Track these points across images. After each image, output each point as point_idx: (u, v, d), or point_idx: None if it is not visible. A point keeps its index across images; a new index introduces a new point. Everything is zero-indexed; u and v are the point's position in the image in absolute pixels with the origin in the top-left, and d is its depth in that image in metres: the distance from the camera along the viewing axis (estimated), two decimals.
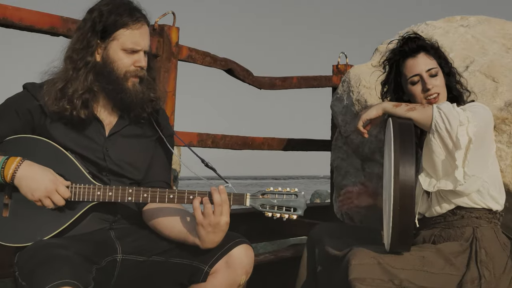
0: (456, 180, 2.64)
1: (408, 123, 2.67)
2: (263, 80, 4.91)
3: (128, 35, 2.54)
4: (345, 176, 4.16)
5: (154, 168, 2.72)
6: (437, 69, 2.86)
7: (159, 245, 2.57)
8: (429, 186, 2.73)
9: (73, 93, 2.51)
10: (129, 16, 2.54)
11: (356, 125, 2.91)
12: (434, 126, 2.61)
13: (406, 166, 2.53)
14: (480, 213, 2.76)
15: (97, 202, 2.49)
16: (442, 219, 2.81)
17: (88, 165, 2.57)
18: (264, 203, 2.44)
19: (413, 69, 2.89)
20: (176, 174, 7.72)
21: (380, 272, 2.56)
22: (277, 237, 5.37)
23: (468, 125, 2.57)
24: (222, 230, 2.41)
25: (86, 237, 2.50)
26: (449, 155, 2.62)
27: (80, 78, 2.53)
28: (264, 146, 4.89)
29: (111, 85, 2.56)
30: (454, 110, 2.61)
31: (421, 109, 2.69)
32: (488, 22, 3.94)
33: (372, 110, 2.85)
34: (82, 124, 2.56)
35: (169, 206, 2.58)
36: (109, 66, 2.54)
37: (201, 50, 4.26)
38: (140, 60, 2.57)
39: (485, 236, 2.72)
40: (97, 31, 2.53)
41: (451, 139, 2.58)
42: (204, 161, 2.63)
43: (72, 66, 2.55)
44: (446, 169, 2.66)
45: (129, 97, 2.56)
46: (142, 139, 2.70)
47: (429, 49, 2.91)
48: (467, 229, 2.75)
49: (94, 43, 2.54)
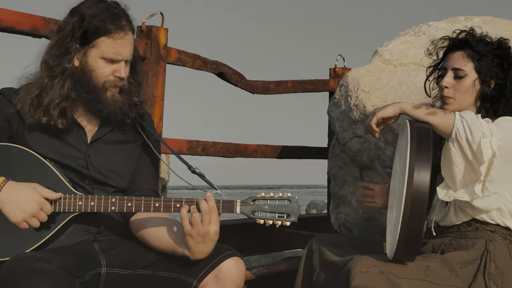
0: (473, 193, 2.64)
1: (426, 127, 2.66)
2: (256, 84, 4.91)
3: (110, 44, 2.51)
4: (342, 186, 4.15)
5: (140, 176, 2.71)
6: (465, 73, 2.84)
7: (146, 257, 2.55)
8: (446, 196, 2.73)
9: (49, 102, 2.49)
10: (112, 24, 2.50)
11: (369, 121, 2.86)
12: (454, 135, 2.60)
13: (421, 171, 2.53)
14: (496, 228, 2.76)
15: (79, 212, 2.47)
16: (456, 229, 2.82)
17: (69, 174, 2.55)
18: (255, 209, 2.44)
19: (446, 62, 2.92)
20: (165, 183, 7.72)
21: (382, 281, 2.55)
22: (271, 249, 5.36)
23: (492, 138, 2.56)
24: (212, 239, 2.40)
25: (68, 249, 2.48)
26: (469, 165, 2.62)
27: (55, 86, 2.50)
28: (257, 153, 4.89)
29: (89, 95, 2.54)
30: (478, 121, 2.59)
31: (442, 115, 2.67)
32: (493, 23, 3.93)
33: (389, 108, 2.80)
34: (62, 132, 2.55)
35: (157, 216, 2.56)
36: (87, 74, 2.52)
37: (191, 53, 4.25)
38: (119, 71, 2.54)
39: (497, 250, 2.71)
40: (77, 36, 2.50)
41: (471, 150, 2.57)
42: (192, 167, 2.62)
43: (47, 74, 2.52)
44: (465, 180, 2.66)
45: (107, 108, 2.55)
46: (126, 145, 2.69)
47: (475, 50, 2.86)
48: (479, 240, 2.74)
49: (73, 49, 2.51)
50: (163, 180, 7.50)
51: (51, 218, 2.45)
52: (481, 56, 2.86)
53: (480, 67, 2.85)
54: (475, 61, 2.86)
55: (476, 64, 2.86)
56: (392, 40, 4.20)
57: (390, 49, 4.07)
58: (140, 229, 2.59)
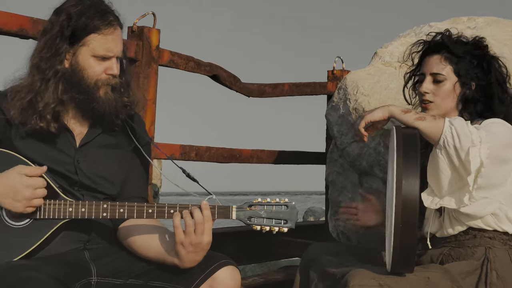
0: (460, 201, 2.65)
1: (413, 133, 2.65)
2: (252, 87, 4.91)
3: (100, 40, 2.51)
4: (341, 192, 4.16)
5: (130, 183, 2.70)
6: (444, 77, 2.84)
7: (137, 266, 2.55)
8: (432, 203, 2.73)
9: (44, 107, 2.48)
10: (100, 20, 2.51)
11: (357, 126, 2.87)
12: (442, 142, 2.60)
13: (409, 179, 2.53)
14: (494, 234, 2.75)
15: (69, 219, 2.47)
16: (453, 239, 2.80)
17: (58, 179, 2.54)
18: (251, 215, 2.44)
19: (423, 67, 2.91)
20: (157, 189, 7.72)
21: None
22: (267, 258, 5.36)
23: (481, 147, 2.56)
24: (204, 249, 2.40)
25: (57, 258, 2.48)
26: (455, 173, 2.62)
27: (49, 89, 2.50)
28: (253, 159, 4.88)
29: (82, 95, 2.53)
30: (467, 128, 2.59)
31: (431, 120, 2.67)
32: (497, 24, 3.93)
33: (377, 112, 2.81)
34: (50, 135, 2.54)
35: (145, 224, 2.56)
36: (78, 74, 2.52)
37: (184, 54, 4.25)
38: (112, 68, 2.55)
39: (498, 257, 2.71)
40: (66, 36, 2.50)
41: (458, 158, 2.58)
42: (185, 172, 2.62)
43: (40, 77, 2.51)
44: (451, 187, 2.67)
45: (102, 107, 2.54)
46: (117, 149, 2.68)
47: (452, 52, 2.86)
48: (479, 249, 2.74)
49: (63, 49, 2.51)
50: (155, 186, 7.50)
51: (40, 225, 2.45)
52: (459, 58, 2.86)
53: (459, 69, 2.85)
54: (453, 63, 2.85)
55: (454, 66, 2.85)
56: (392, 41, 4.21)
57: (391, 51, 4.08)
58: (127, 238, 2.59)
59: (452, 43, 2.88)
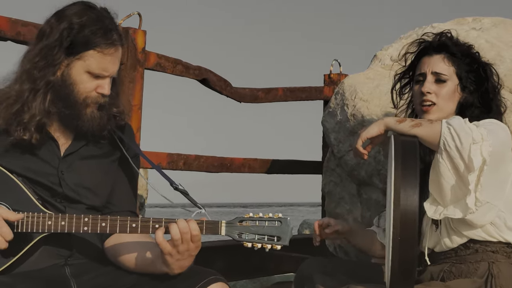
0: (466, 208, 2.62)
1: (412, 141, 2.65)
2: (244, 92, 4.92)
3: (98, 59, 2.50)
4: (338, 203, 4.16)
5: (117, 196, 2.70)
6: (447, 77, 2.85)
7: (124, 281, 2.54)
8: (435, 213, 2.72)
9: (29, 119, 2.48)
10: (103, 37, 2.50)
11: (355, 144, 2.86)
12: (442, 144, 2.59)
13: (408, 190, 2.52)
14: (497, 247, 2.74)
15: (48, 233, 2.46)
16: (453, 254, 2.79)
17: (39, 191, 2.54)
18: (242, 231, 2.42)
19: (422, 67, 2.91)
20: (143, 200, 7.70)
21: None
22: (259, 274, 5.36)
23: (482, 144, 2.55)
24: (192, 255, 2.40)
25: (36, 274, 2.47)
26: (460, 178, 2.60)
27: (38, 100, 2.49)
28: (245, 168, 4.89)
29: (68, 110, 2.53)
30: (466, 126, 2.59)
31: (427, 125, 2.67)
32: (504, 25, 3.93)
33: (373, 128, 2.81)
34: (33, 144, 2.53)
35: (131, 238, 2.56)
36: (68, 87, 2.51)
37: (172, 57, 4.26)
38: (103, 87, 2.54)
39: (502, 272, 2.70)
40: (64, 47, 2.48)
41: (462, 160, 2.56)
42: (174, 183, 2.62)
43: (30, 87, 2.50)
44: (455, 195, 2.65)
45: (86, 125, 2.54)
46: (103, 160, 2.68)
47: (454, 54, 2.88)
48: (481, 264, 2.73)
49: (59, 61, 2.50)
50: (141, 197, 7.47)
51: (18, 239, 2.43)
52: (460, 60, 2.88)
53: (460, 72, 2.87)
54: (455, 65, 2.88)
55: (456, 68, 2.87)
56: (392, 43, 4.22)
57: (391, 53, 4.09)
58: (114, 253, 2.58)
59: (454, 44, 2.90)
